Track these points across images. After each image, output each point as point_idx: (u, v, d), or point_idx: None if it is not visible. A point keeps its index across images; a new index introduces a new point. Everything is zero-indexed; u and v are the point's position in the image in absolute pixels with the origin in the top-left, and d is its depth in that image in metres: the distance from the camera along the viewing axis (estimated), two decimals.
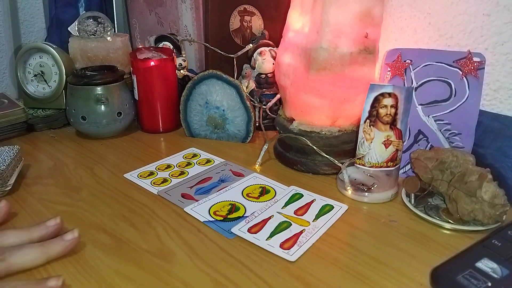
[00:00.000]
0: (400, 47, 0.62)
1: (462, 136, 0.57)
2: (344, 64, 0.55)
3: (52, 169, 0.62)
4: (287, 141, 0.62)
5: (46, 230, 0.43)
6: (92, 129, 0.71)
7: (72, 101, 0.71)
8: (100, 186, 0.57)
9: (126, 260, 0.42)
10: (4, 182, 0.54)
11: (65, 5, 0.97)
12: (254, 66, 0.75)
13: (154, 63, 0.72)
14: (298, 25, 0.58)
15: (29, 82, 0.79)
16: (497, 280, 0.36)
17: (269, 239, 0.45)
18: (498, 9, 0.54)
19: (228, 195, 0.54)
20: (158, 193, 0.55)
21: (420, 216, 0.49)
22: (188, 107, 0.72)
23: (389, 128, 0.52)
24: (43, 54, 0.78)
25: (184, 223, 0.48)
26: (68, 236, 0.42)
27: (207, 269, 0.41)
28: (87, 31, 0.82)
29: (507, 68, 0.55)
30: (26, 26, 0.98)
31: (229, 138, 0.72)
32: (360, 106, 0.52)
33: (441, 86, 0.58)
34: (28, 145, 0.71)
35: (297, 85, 0.58)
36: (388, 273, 0.40)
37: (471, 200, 0.46)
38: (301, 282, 0.39)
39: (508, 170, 0.52)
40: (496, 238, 0.42)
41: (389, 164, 0.53)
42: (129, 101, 0.74)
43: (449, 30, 0.59)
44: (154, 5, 0.87)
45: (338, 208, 0.51)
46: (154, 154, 0.68)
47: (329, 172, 0.60)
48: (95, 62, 0.81)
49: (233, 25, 0.80)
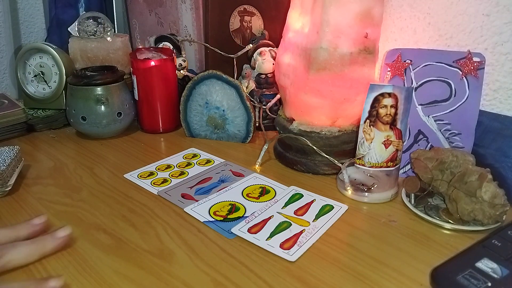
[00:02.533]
0: (400, 47, 0.62)
1: (462, 136, 0.57)
2: (344, 64, 0.55)
3: (52, 169, 0.62)
4: (287, 141, 0.62)
5: (32, 228, 0.44)
6: (92, 129, 0.71)
7: (72, 102, 0.71)
8: (100, 186, 0.57)
9: (126, 260, 0.42)
10: (4, 182, 0.54)
11: (65, 5, 0.97)
12: (254, 66, 0.75)
13: (154, 63, 0.72)
14: (298, 25, 0.58)
15: (29, 82, 0.79)
16: (497, 280, 0.36)
17: (269, 239, 0.45)
18: (498, 9, 0.54)
19: (228, 195, 0.54)
20: (158, 193, 0.55)
21: (420, 216, 0.49)
22: (188, 107, 0.72)
23: (389, 128, 0.52)
24: (43, 54, 0.78)
25: (184, 223, 0.48)
26: (60, 233, 0.43)
27: (207, 269, 0.41)
28: (87, 32, 0.82)
29: (506, 68, 0.55)
30: (26, 26, 0.98)
31: (229, 138, 0.72)
32: (360, 106, 0.52)
33: (441, 86, 0.58)
34: (28, 145, 0.71)
35: (297, 85, 0.58)
36: (388, 273, 0.40)
37: (471, 200, 0.46)
38: (301, 282, 0.39)
39: (508, 170, 0.52)
40: (496, 238, 0.42)
41: (389, 164, 0.53)
42: (129, 101, 0.74)
43: (449, 30, 0.59)
44: (154, 5, 0.87)
45: (338, 208, 0.51)
46: (154, 154, 0.68)
47: (329, 172, 0.60)
48: (95, 63, 0.81)
49: (233, 25, 0.80)
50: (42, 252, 0.42)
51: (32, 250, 0.41)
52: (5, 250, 0.39)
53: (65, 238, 0.43)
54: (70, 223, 0.48)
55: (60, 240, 0.43)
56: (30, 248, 0.41)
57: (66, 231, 0.43)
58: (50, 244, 0.42)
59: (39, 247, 0.41)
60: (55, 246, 0.42)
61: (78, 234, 0.46)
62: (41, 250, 0.41)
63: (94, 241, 0.45)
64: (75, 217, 0.50)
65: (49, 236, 0.43)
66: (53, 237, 0.42)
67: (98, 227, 0.48)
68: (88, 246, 0.44)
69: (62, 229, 0.43)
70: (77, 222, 0.49)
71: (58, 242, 0.42)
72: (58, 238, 0.42)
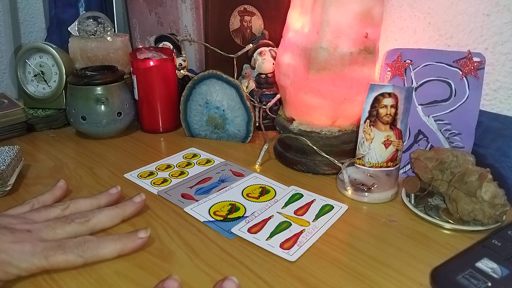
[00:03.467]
0: (400, 47, 0.62)
1: (462, 136, 0.57)
2: (344, 64, 0.55)
3: (52, 169, 0.62)
4: (287, 141, 0.62)
5: (110, 197, 0.50)
6: (92, 129, 0.71)
7: (72, 101, 0.71)
8: (100, 186, 0.57)
9: (126, 260, 0.42)
10: (4, 182, 0.54)
11: (65, 5, 0.97)
12: (254, 66, 0.75)
13: (154, 63, 0.72)
14: (298, 25, 0.58)
15: (29, 82, 0.79)
16: (497, 280, 0.37)
17: (269, 239, 0.45)
18: (498, 9, 0.54)
19: (228, 195, 0.54)
20: (158, 193, 0.55)
21: (420, 216, 0.49)
22: (188, 107, 0.72)
23: (389, 128, 0.52)
24: (43, 54, 0.78)
25: (184, 223, 0.48)
26: (137, 198, 0.49)
27: (207, 269, 0.41)
28: (87, 31, 0.82)
29: (507, 68, 0.55)
30: (26, 26, 0.98)
31: (229, 138, 0.72)
32: (360, 106, 0.52)
33: (441, 86, 0.58)
34: (28, 145, 0.71)
35: (297, 85, 0.58)
36: (388, 273, 0.40)
37: (471, 200, 0.46)
38: (301, 282, 0.39)
39: (508, 170, 0.52)
40: (496, 238, 0.42)
41: (389, 164, 0.53)
42: (129, 101, 0.74)
43: (449, 30, 0.59)
44: (154, 5, 0.87)
45: (338, 208, 0.51)
46: (154, 154, 0.68)
47: (329, 172, 0.60)
48: (95, 62, 0.81)
49: (233, 25, 0.80)
50: (124, 215, 0.48)
51: (115, 213, 0.47)
52: (93, 215, 0.45)
53: (141, 202, 0.49)
54: None
55: (137, 204, 0.49)
56: (114, 212, 0.47)
57: (141, 196, 0.50)
58: (129, 208, 0.48)
59: (121, 211, 0.47)
60: (135, 209, 0.49)
61: None
62: (123, 213, 0.48)
63: None
64: None
65: (128, 201, 0.49)
66: (132, 202, 0.49)
67: None
68: None
69: (137, 195, 0.50)
70: None
71: (136, 206, 0.49)
72: (135, 203, 0.49)
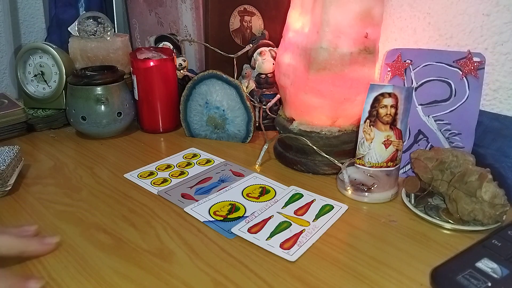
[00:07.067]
0: (400, 47, 0.62)
1: (462, 136, 0.57)
2: (344, 64, 0.55)
3: (52, 169, 0.62)
4: (287, 141, 0.62)
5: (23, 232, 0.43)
6: (92, 129, 0.71)
7: (72, 101, 0.71)
8: (100, 186, 0.57)
9: (126, 260, 0.42)
10: (4, 182, 0.54)
11: (65, 5, 0.97)
12: (254, 66, 0.75)
13: (154, 63, 0.72)
14: (298, 25, 0.58)
15: (29, 82, 0.79)
16: (497, 280, 0.36)
17: (269, 239, 0.45)
18: (498, 9, 0.54)
19: (228, 195, 0.54)
20: (158, 193, 0.55)
21: (420, 216, 0.49)
22: (188, 107, 0.72)
23: (389, 128, 0.52)
24: (43, 54, 0.78)
25: (184, 223, 0.48)
26: (48, 239, 0.43)
27: (207, 269, 0.41)
28: (87, 31, 0.82)
29: (507, 68, 0.55)
30: (26, 26, 0.98)
31: (229, 138, 0.72)
32: (360, 106, 0.52)
33: (441, 86, 0.58)
34: (28, 145, 0.71)
35: (297, 85, 0.58)
36: (388, 273, 0.40)
37: (471, 200, 0.46)
38: (301, 282, 0.39)
39: (508, 170, 0.52)
40: (496, 238, 0.42)
41: (389, 164, 0.53)
42: (129, 101, 0.74)
43: (449, 30, 0.59)
44: (154, 5, 0.87)
45: (338, 208, 0.51)
46: (154, 154, 0.68)
47: (329, 172, 0.60)
48: (95, 62, 0.81)
49: (233, 25, 0.80)
50: (24, 250, 0.41)
51: (16, 243, 0.40)
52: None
53: (51, 245, 0.43)
54: (70, 223, 0.48)
55: (46, 246, 0.42)
56: (15, 241, 0.40)
57: (53, 239, 0.43)
58: (35, 245, 0.42)
59: (23, 244, 0.41)
60: (39, 249, 0.42)
61: (78, 234, 0.46)
62: (24, 248, 0.41)
63: (94, 241, 0.45)
64: (75, 217, 0.50)
65: (37, 238, 0.43)
66: (40, 241, 0.43)
67: (98, 227, 0.48)
68: (88, 246, 0.44)
69: (52, 237, 0.43)
70: (77, 222, 0.49)
71: (43, 247, 0.42)
72: (44, 244, 0.42)
